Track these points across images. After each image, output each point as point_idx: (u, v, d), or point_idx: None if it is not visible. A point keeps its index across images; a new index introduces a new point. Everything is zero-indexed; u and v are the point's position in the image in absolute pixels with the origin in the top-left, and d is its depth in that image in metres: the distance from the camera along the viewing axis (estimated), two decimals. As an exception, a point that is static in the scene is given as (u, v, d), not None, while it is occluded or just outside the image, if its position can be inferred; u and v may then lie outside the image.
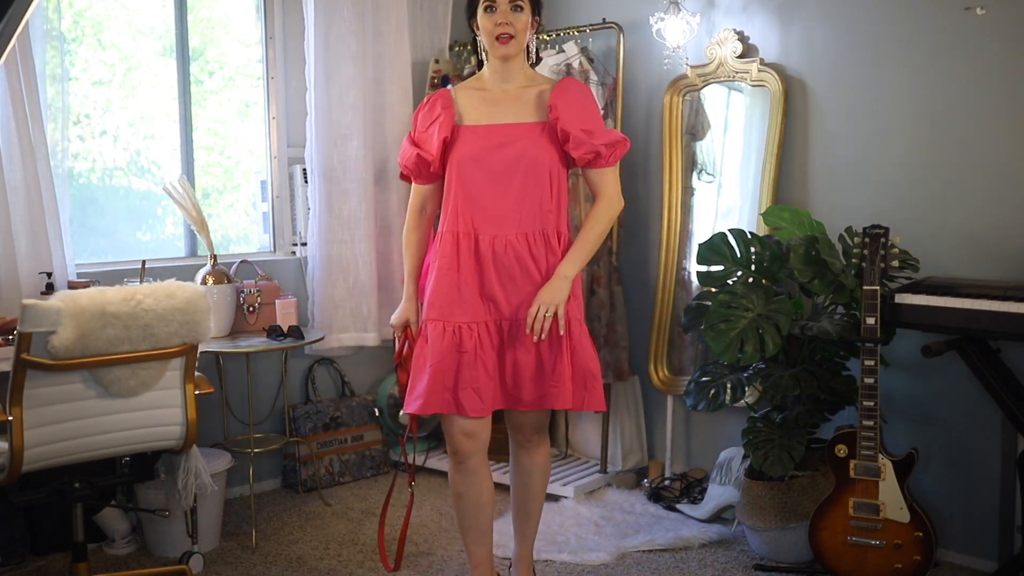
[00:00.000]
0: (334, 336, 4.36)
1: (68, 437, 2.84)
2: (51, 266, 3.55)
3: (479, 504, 2.96)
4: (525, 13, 2.81)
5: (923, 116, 3.52)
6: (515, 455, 3.07)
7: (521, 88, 2.89)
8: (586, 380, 2.82)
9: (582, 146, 2.81)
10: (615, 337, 4.25)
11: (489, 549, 3.03)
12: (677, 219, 4.18)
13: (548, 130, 2.84)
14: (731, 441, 3.98)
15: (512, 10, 2.79)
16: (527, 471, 3.04)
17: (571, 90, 2.86)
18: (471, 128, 2.87)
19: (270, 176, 4.45)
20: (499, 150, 2.83)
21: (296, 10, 4.36)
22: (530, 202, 2.83)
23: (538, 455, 3.03)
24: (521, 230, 2.83)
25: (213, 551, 3.64)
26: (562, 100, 2.82)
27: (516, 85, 2.89)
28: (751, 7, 3.96)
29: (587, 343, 2.86)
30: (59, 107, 3.61)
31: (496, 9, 2.79)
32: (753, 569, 3.46)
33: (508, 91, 2.89)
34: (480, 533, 2.99)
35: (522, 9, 2.80)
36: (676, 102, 4.15)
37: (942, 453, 3.50)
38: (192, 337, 2.95)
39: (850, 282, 3.29)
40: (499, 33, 2.79)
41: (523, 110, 2.86)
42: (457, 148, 2.86)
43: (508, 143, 2.83)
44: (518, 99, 2.88)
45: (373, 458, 4.53)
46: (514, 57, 2.85)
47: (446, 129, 2.85)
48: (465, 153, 2.85)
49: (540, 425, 3.01)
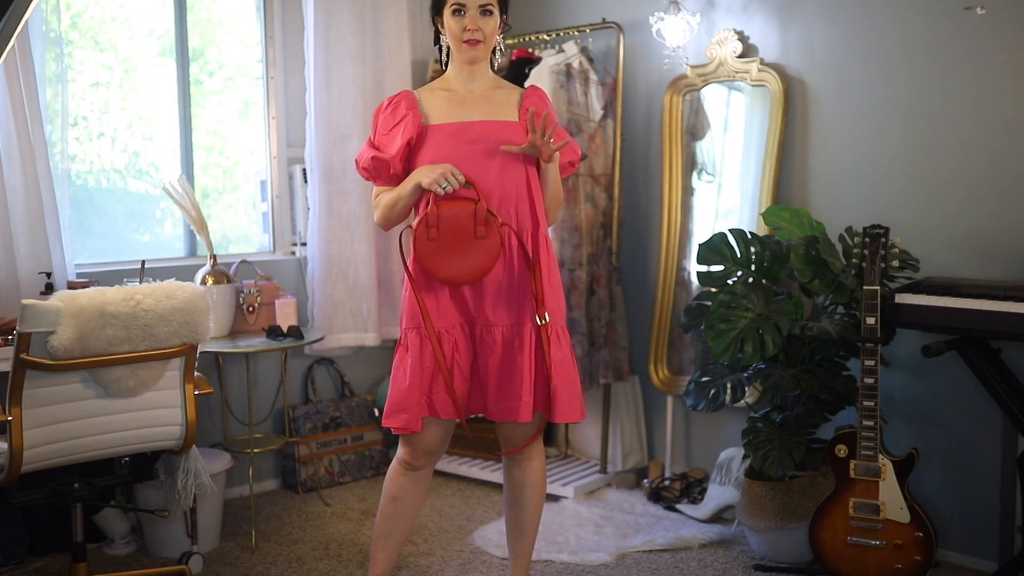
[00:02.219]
0: (334, 336, 4.36)
1: (67, 437, 2.84)
2: (50, 266, 3.55)
3: (408, 513, 2.86)
4: (494, 17, 2.73)
5: (923, 116, 3.52)
6: (506, 469, 2.93)
7: (489, 89, 2.82)
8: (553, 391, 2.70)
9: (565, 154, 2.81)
10: (615, 337, 4.25)
11: (395, 560, 2.92)
12: (677, 219, 4.18)
13: (521, 129, 2.75)
14: (731, 441, 3.98)
15: (482, 14, 2.71)
16: (519, 486, 2.90)
17: (543, 99, 2.84)
18: (439, 127, 2.75)
19: (270, 176, 4.45)
20: (471, 146, 2.72)
21: (296, 10, 4.36)
22: (505, 200, 2.72)
23: (531, 470, 2.89)
24: (519, 226, 2.74)
25: (213, 551, 3.64)
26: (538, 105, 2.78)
27: (483, 86, 2.81)
28: (751, 7, 3.95)
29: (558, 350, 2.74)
30: (57, 109, 3.61)
31: (465, 13, 2.70)
32: (753, 569, 3.46)
33: (475, 91, 2.81)
34: (397, 541, 2.88)
35: (491, 13, 2.72)
36: (676, 102, 4.15)
37: (942, 453, 3.50)
38: (192, 337, 2.95)
39: (850, 282, 3.29)
40: (467, 38, 2.72)
41: (494, 109, 2.79)
42: (426, 148, 2.74)
43: (479, 140, 2.73)
44: (488, 99, 2.80)
45: (373, 458, 4.53)
46: (481, 60, 2.79)
47: (411, 130, 2.74)
48: (435, 152, 2.72)
49: (529, 435, 2.83)
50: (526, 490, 2.90)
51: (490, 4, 2.72)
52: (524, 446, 2.85)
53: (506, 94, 2.83)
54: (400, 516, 2.86)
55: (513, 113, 2.80)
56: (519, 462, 2.89)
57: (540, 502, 2.94)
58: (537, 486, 2.91)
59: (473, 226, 2.65)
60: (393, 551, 2.89)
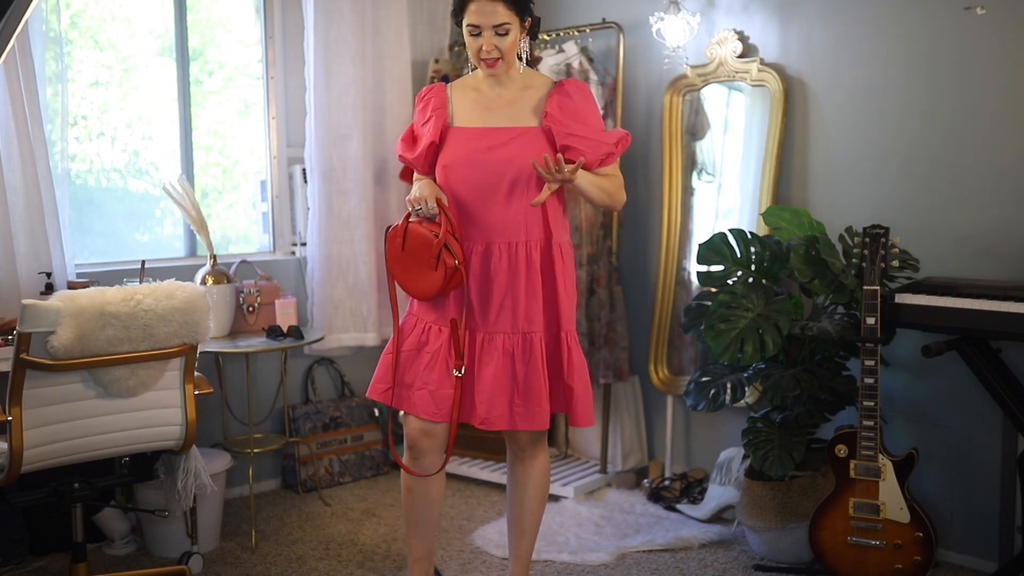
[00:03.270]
0: (334, 336, 4.36)
1: (67, 437, 2.84)
2: (50, 266, 3.54)
3: (427, 500, 2.90)
4: (512, 33, 2.70)
5: (923, 116, 3.52)
6: (510, 466, 2.99)
7: (518, 91, 2.80)
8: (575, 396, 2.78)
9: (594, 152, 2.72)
10: (615, 337, 4.25)
11: (430, 544, 2.97)
12: (677, 219, 4.18)
13: (543, 134, 2.74)
14: (731, 441, 3.98)
15: (497, 35, 2.69)
16: (521, 483, 2.94)
17: (568, 94, 2.76)
18: (461, 130, 2.78)
19: (270, 176, 4.44)
20: (489, 154, 2.73)
21: (296, 10, 4.35)
22: (521, 210, 2.73)
23: (533, 467, 2.93)
24: (511, 239, 2.74)
25: (213, 551, 3.64)
26: (557, 108, 2.74)
27: (511, 89, 2.80)
28: (751, 7, 3.95)
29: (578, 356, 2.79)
30: (57, 108, 3.61)
31: (481, 33, 2.69)
32: (753, 569, 3.46)
33: (503, 95, 2.80)
34: (425, 528, 2.93)
35: (508, 33, 2.69)
36: (676, 102, 4.15)
37: (942, 453, 3.50)
38: (191, 337, 2.95)
39: (850, 282, 3.29)
40: (484, 57, 2.72)
41: (518, 113, 2.77)
42: (445, 151, 2.78)
43: (498, 146, 2.73)
44: (513, 102, 2.79)
45: (373, 458, 4.52)
46: (503, 72, 2.77)
47: (434, 134, 2.78)
48: (453, 157, 2.76)
49: (534, 436, 2.89)
50: (528, 487, 2.94)
51: (506, 23, 2.68)
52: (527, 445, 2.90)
53: (533, 94, 2.79)
54: (420, 505, 2.91)
55: (535, 118, 2.76)
56: (523, 459, 2.93)
57: (542, 501, 2.97)
58: (539, 484, 2.94)
59: (427, 256, 2.70)
60: (425, 537, 2.95)
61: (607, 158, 2.76)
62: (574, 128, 2.72)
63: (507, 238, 2.74)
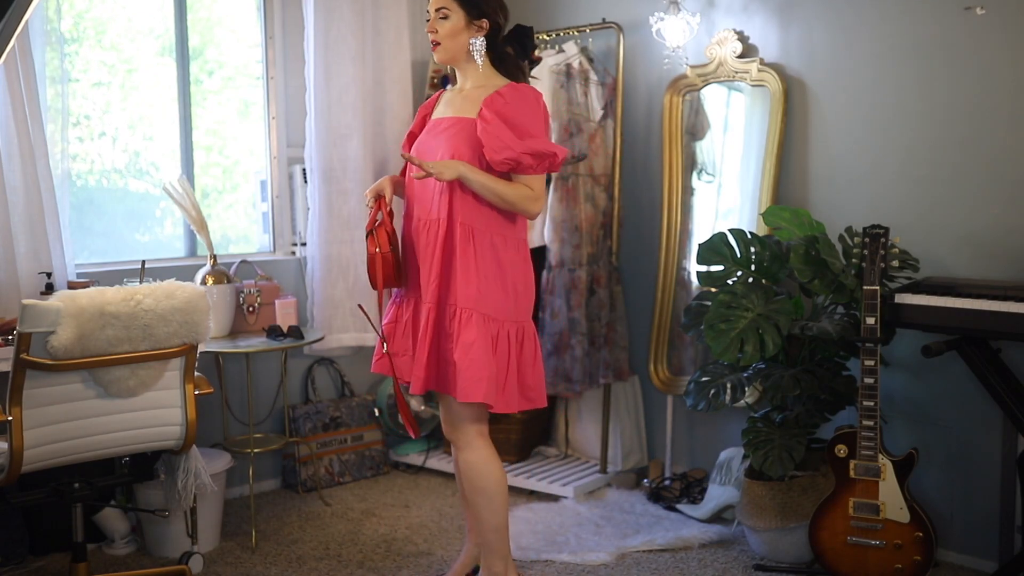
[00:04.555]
0: (334, 336, 4.37)
1: (68, 437, 2.84)
2: (50, 266, 3.55)
3: (464, 488, 3.11)
4: (451, 19, 2.88)
5: (923, 116, 3.52)
6: None
7: (473, 88, 2.96)
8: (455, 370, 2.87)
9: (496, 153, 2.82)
10: (615, 337, 4.25)
11: (471, 523, 3.18)
12: (677, 219, 4.18)
13: (474, 125, 2.89)
14: (731, 441, 3.98)
15: (439, 19, 2.89)
16: (458, 468, 3.10)
17: (504, 95, 2.86)
18: (430, 122, 3.04)
19: (270, 176, 4.45)
20: (428, 139, 2.97)
21: (296, 10, 4.35)
22: (446, 191, 2.90)
23: (461, 460, 3.04)
24: (437, 216, 2.91)
25: (213, 551, 3.64)
26: (488, 104, 2.86)
27: (471, 84, 2.97)
28: (751, 7, 3.95)
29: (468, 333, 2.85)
30: (59, 108, 3.61)
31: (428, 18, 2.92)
32: (753, 569, 3.46)
33: (463, 91, 2.99)
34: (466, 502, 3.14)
35: (447, 17, 2.88)
36: (676, 102, 4.15)
37: (942, 453, 3.50)
38: (192, 337, 2.95)
39: (850, 282, 3.29)
40: (430, 40, 2.93)
41: (464, 107, 2.94)
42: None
43: (438, 133, 2.95)
44: (467, 98, 2.95)
45: (373, 458, 4.53)
46: (451, 62, 2.96)
47: (416, 127, 3.09)
48: (416, 144, 3.03)
49: (454, 421, 3.01)
50: (461, 477, 3.13)
51: (444, 7, 2.88)
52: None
53: (483, 92, 2.92)
54: (463, 492, 3.15)
55: (475, 111, 2.90)
56: (457, 448, 3.07)
57: (475, 493, 3.02)
58: (468, 478, 3.03)
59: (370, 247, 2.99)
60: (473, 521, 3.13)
61: (517, 166, 2.84)
62: (492, 126, 2.84)
63: (427, 215, 2.95)
